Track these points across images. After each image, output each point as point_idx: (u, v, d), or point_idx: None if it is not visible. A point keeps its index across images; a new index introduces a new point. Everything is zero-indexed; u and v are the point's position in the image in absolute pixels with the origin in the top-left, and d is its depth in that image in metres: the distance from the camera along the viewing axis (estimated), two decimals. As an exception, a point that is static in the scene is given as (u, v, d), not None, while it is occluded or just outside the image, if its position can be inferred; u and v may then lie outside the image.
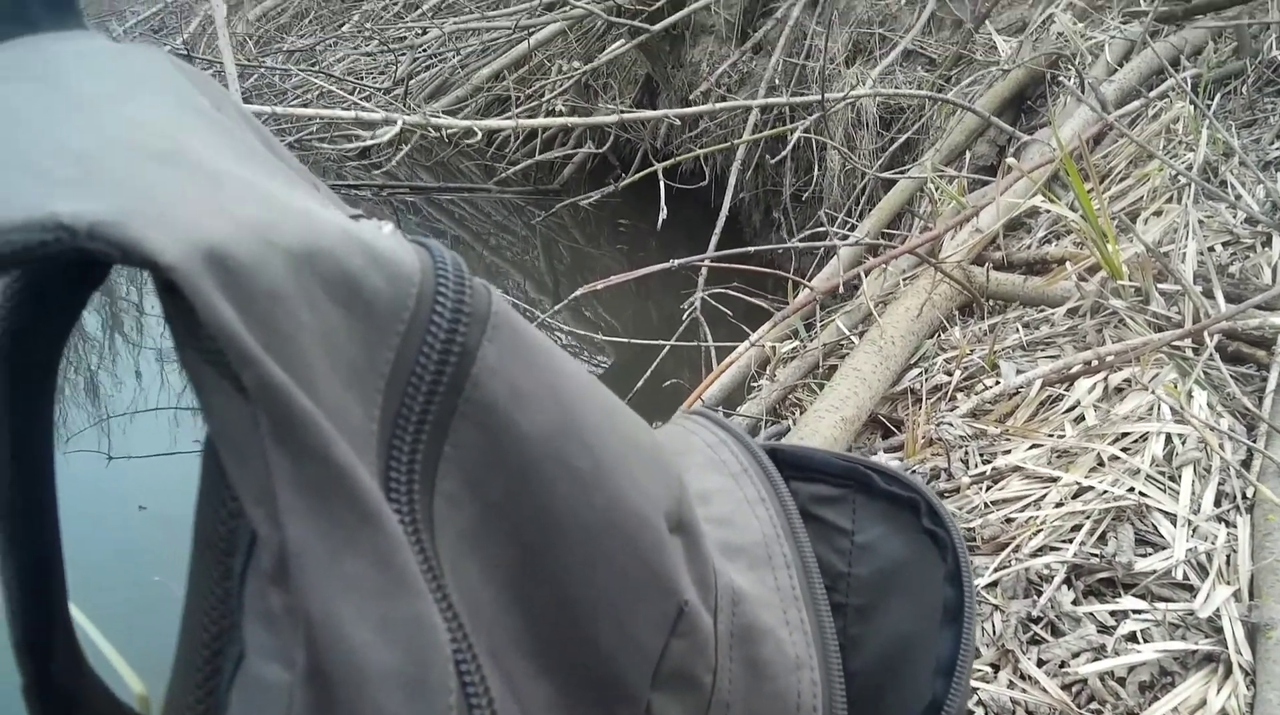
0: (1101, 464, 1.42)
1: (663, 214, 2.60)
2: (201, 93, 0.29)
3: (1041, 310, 1.90)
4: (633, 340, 2.44)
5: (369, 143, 3.41)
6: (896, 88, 3.00)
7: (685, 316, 2.34)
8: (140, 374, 3.54)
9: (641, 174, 2.74)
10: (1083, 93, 2.31)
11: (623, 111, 3.22)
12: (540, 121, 3.48)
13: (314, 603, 0.22)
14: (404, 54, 4.62)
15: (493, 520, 0.27)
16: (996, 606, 1.25)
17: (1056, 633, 1.20)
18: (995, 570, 1.29)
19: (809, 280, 2.28)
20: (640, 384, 2.27)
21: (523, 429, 0.27)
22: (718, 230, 2.72)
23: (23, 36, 0.28)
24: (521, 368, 0.27)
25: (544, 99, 4.24)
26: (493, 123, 3.25)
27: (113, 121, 0.25)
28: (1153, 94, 2.35)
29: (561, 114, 3.99)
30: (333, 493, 0.23)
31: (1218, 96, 2.31)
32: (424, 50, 4.71)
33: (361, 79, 4.65)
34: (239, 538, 0.25)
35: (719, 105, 2.96)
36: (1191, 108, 2.18)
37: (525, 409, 0.27)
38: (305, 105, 4.26)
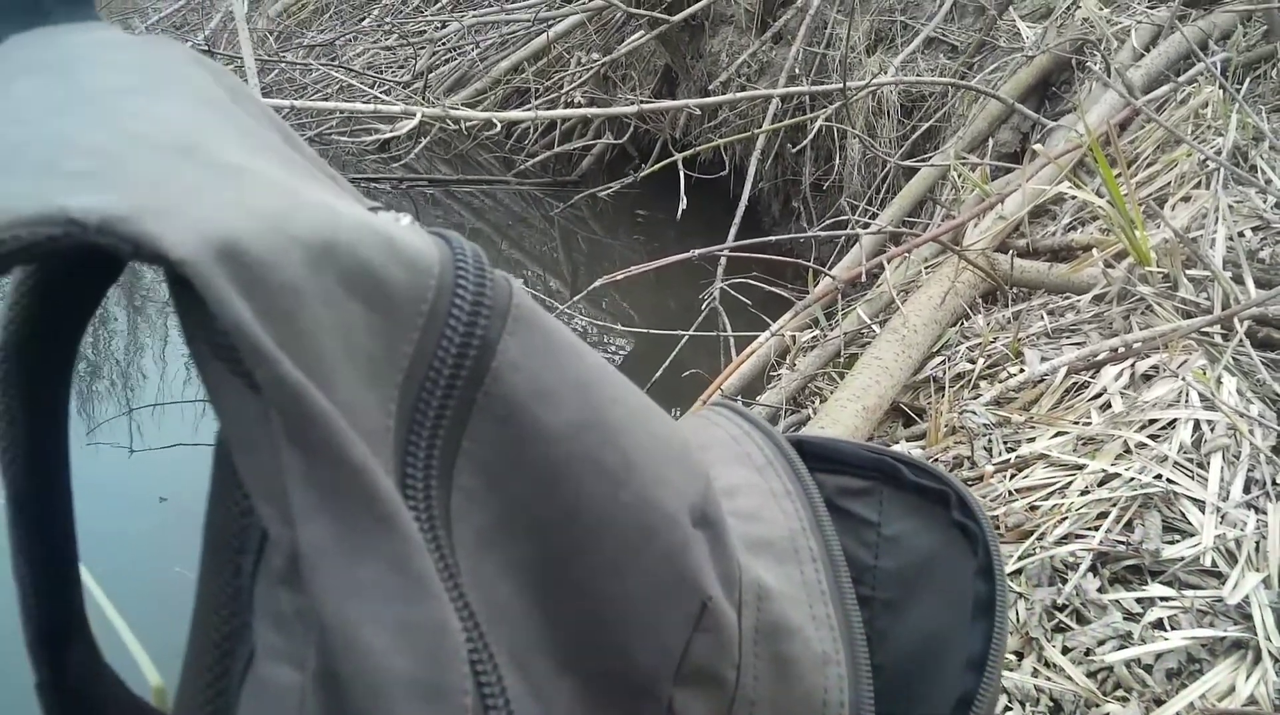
0: (1128, 451, 1.39)
1: (682, 204, 2.58)
2: (219, 85, 0.29)
3: (1067, 297, 1.87)
4: (651, 330, 2.43)
5: (388, 135, 3.41)
6: (919, 75, 2.97)
7: (704, 306, 2.33)
8: (164, 366, 3.56)
9: (661, 164, 2.72)
10: (1109, 78, 2.28)
11: (642, 102, 3.20)
12: (559, 113, 3.47)
13: (327, 605, 0.22)
14: (423, 48, 4.62)
15: (515, 517, 0.26)
16: (1021, 594, 1.23)
17: (1082, 621, 1.18)
18: (1020, 558, 1.27)
19: (830, 269, 2.25)
20: (659, 374, 2.26)
21: (546, 424, 0.26)
22: (737, 220, 2.70)
23: (36, 29, 0.28)
24: (545, 362, 0.27)
25: (563, 91, 4.23)
26: (511, 114, 3.25)
27: (128, 115, 0.24)
28: (1181, 79, 2.31)
29: (580, 105, 3.98)
30: (348, 493, 0.22)
31: (1247, 81, 2.28)
32: (443, 44, 4.71)
33: (381, 73, 4.65)
34: (250, 536, 0.25)
35: (739, 95, 2.94)
36: (1220, 92, 2.15)
37: (549, 404, 0.26)
38: (326, 100, 4.28)
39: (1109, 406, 1.51)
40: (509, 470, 0.26)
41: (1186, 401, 1.44)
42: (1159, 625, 1.15)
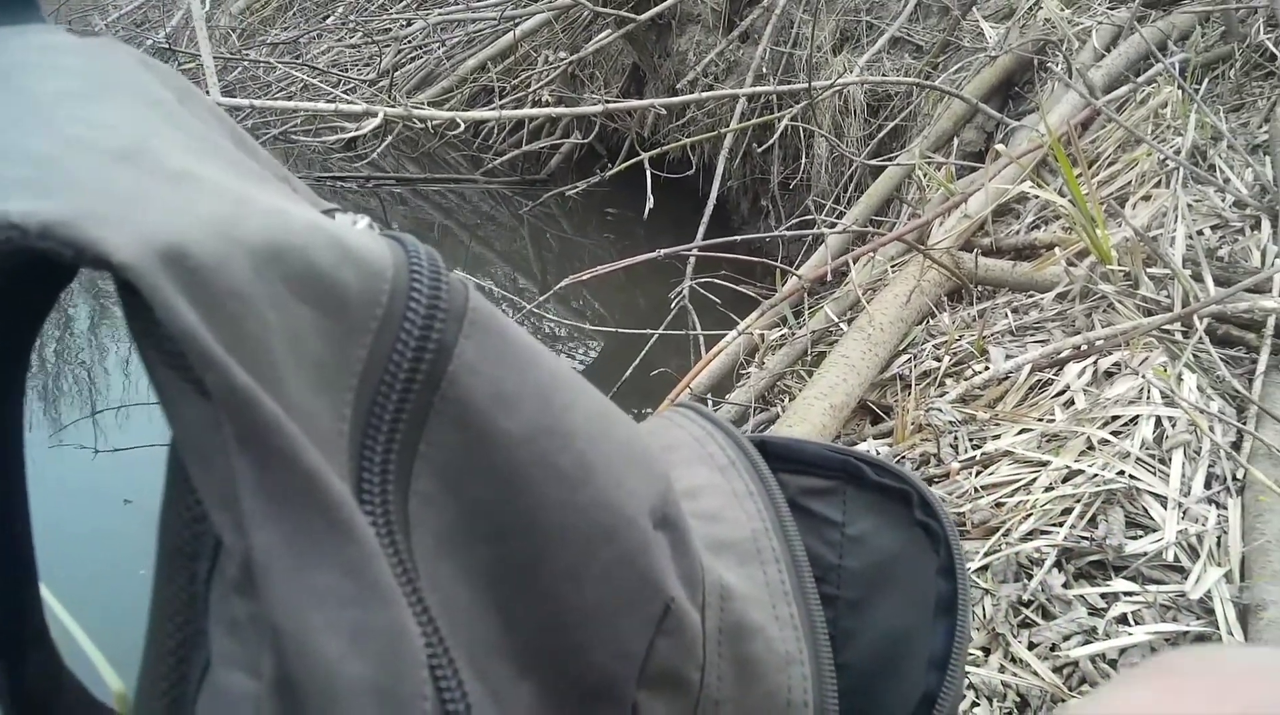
0: (1091, 448, 1.41)
1: (649, 203, 2.58)
2: (166, 88, 0.28)
3: (1030, 295, 1.89)
4: (620, 329, 2.43)
5: (352, 134, 3.38)
6: (884, 75, 2.99)
7: (674, 304, 2.33)
8: (129, 367, 3.52)
9: (628, 164, 2.72)
10: (1070, 78, 2.30)
11: (608, 101, 3.20)
12: (525, 112, 3.45)
13: (282, 612, 0.22)
14: (388, 45, 4.58)
15: (473, 521, 0.26)
16: (987, 591, 1.24)
17: (1047, 616, 1.19)
18: (985, 554, 1.29)
19: (797, 268, 2.27)
20: (629, 372, 2.26)
21: (504, 428, 0.26)
22: (705, 219, 2.70)
23: None
24: (502, 366, 0.26)
25: (530, 89, 4.21)
26: (476, 114, 3.23)
27: (72, 120, 0.24)
28: (1141, 79, 2.34)
29: (547, 104, 3.97)
30: (301, 500, 0.22)
31: (1205, 81, 2.31)
32: (409, 42, 4.68)
33: (346, 71, 4.61)
34: (204, 543, 0.24)
35: (706, 94, 2.94)
36: (1179, 92, 2.18)
37: (507, 408, 0.26)
38: (289, 99, 4.23)
39: (1072, 403, 1.53)
40: (467, 474, 0.26)
41: (1148, 398, 1.46)
42: (1123, 620, 1.17)
